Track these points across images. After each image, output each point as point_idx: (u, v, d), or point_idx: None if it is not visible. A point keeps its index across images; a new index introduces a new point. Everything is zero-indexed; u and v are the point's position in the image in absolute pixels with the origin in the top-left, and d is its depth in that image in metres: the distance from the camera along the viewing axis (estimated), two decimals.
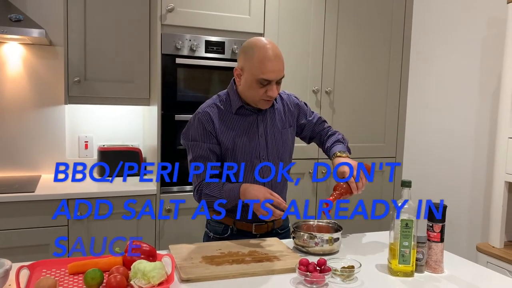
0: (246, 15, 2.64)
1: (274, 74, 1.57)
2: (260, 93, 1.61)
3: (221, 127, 1.67)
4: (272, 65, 1.56)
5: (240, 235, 1.74)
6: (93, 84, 2.59)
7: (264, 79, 1.57)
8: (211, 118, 1.67)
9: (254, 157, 1.70)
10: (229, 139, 1.68)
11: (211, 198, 1.65)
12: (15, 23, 2.34)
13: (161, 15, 2.46)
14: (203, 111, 1.68)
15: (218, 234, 1.78)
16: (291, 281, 1.32)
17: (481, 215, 2.61)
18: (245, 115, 1.71)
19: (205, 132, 1.67)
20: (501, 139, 2.20)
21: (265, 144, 1.72)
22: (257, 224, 1.74)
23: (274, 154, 1.74)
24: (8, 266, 1.20)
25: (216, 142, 1.68)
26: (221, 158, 1.71)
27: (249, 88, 1.62)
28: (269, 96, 1.61)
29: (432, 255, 1.43)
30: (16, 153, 2.75)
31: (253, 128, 1.71)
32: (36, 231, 2.29)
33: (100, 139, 2.93)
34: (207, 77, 2.60)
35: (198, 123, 1.68)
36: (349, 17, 2.91)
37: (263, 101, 1.64)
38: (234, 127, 1.69)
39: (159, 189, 2.52)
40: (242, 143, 1.69)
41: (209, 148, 1.67)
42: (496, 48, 2.49)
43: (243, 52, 1.62)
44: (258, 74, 1.57)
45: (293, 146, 1.84)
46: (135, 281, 1.20)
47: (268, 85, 1.59)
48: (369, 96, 3.03)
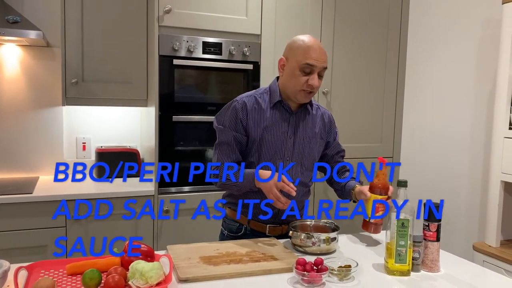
0: (243, 16, 2.65)
1: (318, 61, 1.61)
2: (302, 82, 1.62)
3: (253, 118, 1.70)
4: (316, 53, 1.62)
5: (254, 235, 1.75)
6: (91, 85, 2.60)
7: (308, 64, 1.60)
8: (246, 108, 1.70)
9: (278, 156, 1.72)
10: (258, 132, 1.70)
11: (228, 181, 1.68)
12: (12, 24, 2.34)
13: (159, 16, 2.47)
14: (241, 99, 1.72)
15: (232, 232, 1.80)
16: (288, 281, 1.33)
17: (477, 215, 2.62)
18: (280, 112, 1.72)
19: (236, 120, 1.69)
20: (496, 138, 2.21)
21: (292, 145, 1.73)
22: (271, 225, 1.76)
23: (298, 158, 1.74)
24: (6, 267, 1.21)
25: (244, 132, 1.70)
26: (246, 150, 1.73)
27: (292, 77, 1.64)
28: (310, 86, 1.62)
29: (428, 254, 1.44)
30: (14, 154, 2.75)
31: (284, 127, 1.72)
32: (34, 232, 2.29)
33: (98, 140, 2.93)
34: (204, 78, 2.61)
35: (232, 110, 1.71)
36: (345, 18, 2.92)
37: (303, 92, 1.65)
38: (266, 121, 1.70)
39: (157, 189, 2.52)
40: (269, 138, 1.71)
41: (234, 136, 1.69)
42: (492, 48, 2.50)
43: (289, 44, 1.69)
44: (302, 59, 1.61)
45: (318, 158, 1.83)
46: (133, 281, 1.21)
47: (311, 74, 1.62)
48: (366, 96, 3.04)
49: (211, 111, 2.62)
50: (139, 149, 2.94)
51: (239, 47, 2.64)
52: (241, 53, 2.65)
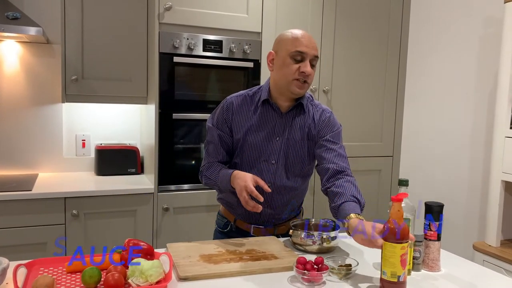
0: (244, 14, 2.64)
1: (308, 48, 1.57)
2: (294, 70, 1.57)
3: (237, 118, 1.68)
4: (305, 40, 1.57)
5: (239, 233, 1.75)
6: (91, 82, 2.59)
7: (298, 52, 1.56)
8: (232, 107, 1.69)
9: (262, 158, 1.67)
10: (241, 131, 1.67)
11: (209, 180, 1.69)
12: (12, 21, 2.33)
13: (159, 14, 2.46)
14: (230, 99, 1.72)
15: (220, 227, 1.81)
16: (288, 280, 1.32)
17: (477, 214, 2.62)
18: (268, 112, 1.67)
19: (222, 119, 1.69)
20: (497, 138, 2.21)
21: (279, 147, 1.67)
22: (255, 226, 1.74)
23: (283, 161, 1.68)
24: (6, 265, 1.20)
25: (229, 132, 1.69)
26: (232, 150, 1.72)
27: (282, 67, 1.59)
28: (303, 74, 1.56)
29: (429, 253, 1.44)
30: (13, 151, 2.75)
31: (270, 128, 1.67)
32: (33, 229, 2.29)
33: (98, 137, 2.93)
34: (204, 75, 2.60)
35: (221, 109, 1.71)
36: (346, 16, 2.91)
37: (296, 82, 1.58)
38: (250, 122, 1.67)
39: (157, 187, 2.52)
40: (252, 139, 1.66)
41: (219, 135, 1.70)
42: (493, 47, 2.50)
43: (278, 38, 1.65)
44: (292, 48, 1.56)
45: (309, 162, 1.71)
46: (133, 280, 1.20)
47: (302, 61, 1.57)
48: (367, 95, 3.04)
49: (211, 109, 2.61)
50: (138, 147, 2.93)
51: (239, 44, 2.64)
52: (242, 51, 2.64)
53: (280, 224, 1.77)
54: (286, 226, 1.76)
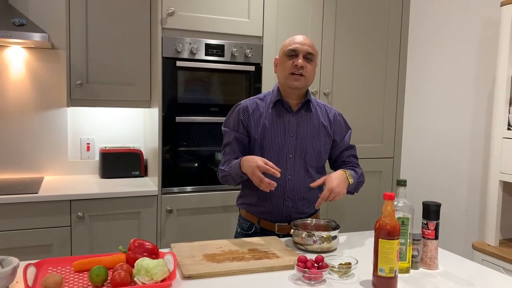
0: (245, 19, 2.68)
1: (300, 45, 1.74)
2: (288, 65, 1.74)
3: (254, 118, 1.80)
4: (299, 39, 1.76)
5: (264, 234, 1.81)
6: (95, 86, 2.63)
7: (291, 50, 1.73)
8: (248, 109, 1.81)
9: (280, 153, 1.78)
10: (258, 130, 1.78)
11: (224, 172, 1.79)
12: (18, 27, 2.38)
13: (162, 19, 2.50)
14: (244, 103, 1.84)
15: (244, 230, 1.88)
16: (289, 278, 1.36)
17: (477, 214, 2.64)
18: (280, 111, 1.80)
19: (238, 121, 1.80)
20: (495, 139, 2.24)
21: (294, 142, 1.79)
22: (279, 224, 1.81)
23: (301, 155, 1.80)
24: (16, 264, 1.24)
25: (245, 133, 1.80)
26: (249, 150, 1.81)
27: (281, 65, 1.78)
28: (296, 67, 1.72)
29: (427, 252, 1.47)
30: (19, 155, 2.79)
31: (285, 125, 1.80)
32: (39, 231, 2.32)
33: (102, 141, 2.97)
34: (207, 79, 2.64)
35: (236, 112, 1.83)
36: (346, 19, 2.95)
37: (291, 76, 1.74)
38: (267, 120, 1.79)
39: (161, 189, 2.56)
40: (270, 137, 1.78)
41: (235, 137, 1.80)
42: (491, 49, 2.53)
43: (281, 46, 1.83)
44: (287, 48, 1.76)
45: (325, 156, 1.88)
46: (139, 278, 1.24)
47: (296, 57, 1.73)
48: (367, 97, 3.07)
49: (214, 112, 2.65)
50: (142, 150, 2.97)
51: (241, 49, 2.67)
52: (243, 55, 2.68)
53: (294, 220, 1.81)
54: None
